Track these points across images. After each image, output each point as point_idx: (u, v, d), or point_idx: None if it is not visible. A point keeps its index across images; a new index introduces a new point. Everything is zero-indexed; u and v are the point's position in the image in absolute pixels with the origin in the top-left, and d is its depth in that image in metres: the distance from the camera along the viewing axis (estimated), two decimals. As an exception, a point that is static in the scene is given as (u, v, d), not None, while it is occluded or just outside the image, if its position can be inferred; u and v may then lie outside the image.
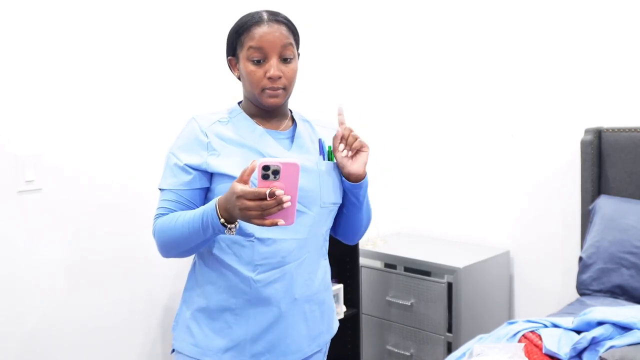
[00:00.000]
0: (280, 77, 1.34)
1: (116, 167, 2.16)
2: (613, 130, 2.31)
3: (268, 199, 1.11)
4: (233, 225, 1.21)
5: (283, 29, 1.36)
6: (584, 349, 1.56)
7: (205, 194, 1.37)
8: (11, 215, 1.91)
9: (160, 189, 1.38)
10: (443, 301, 2.47)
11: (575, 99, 2.48)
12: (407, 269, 2.60)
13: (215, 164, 1.33)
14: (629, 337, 1.57)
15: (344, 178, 1.43)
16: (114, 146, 2.15)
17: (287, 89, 1.38)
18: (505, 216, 2.75)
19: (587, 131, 2.35)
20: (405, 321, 2.62)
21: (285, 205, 1.12)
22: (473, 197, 2.85)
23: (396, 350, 2.65)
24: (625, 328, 1.60)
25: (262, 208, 1.12)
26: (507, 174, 2.72)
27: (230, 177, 1.32)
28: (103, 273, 2.15)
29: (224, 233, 1.23)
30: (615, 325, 1.60)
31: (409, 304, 2.58)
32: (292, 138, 1.44)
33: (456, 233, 2.93)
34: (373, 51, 3.14)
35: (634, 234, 2.09)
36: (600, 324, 1.62)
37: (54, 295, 2.02)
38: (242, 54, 1.36)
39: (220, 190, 1.32)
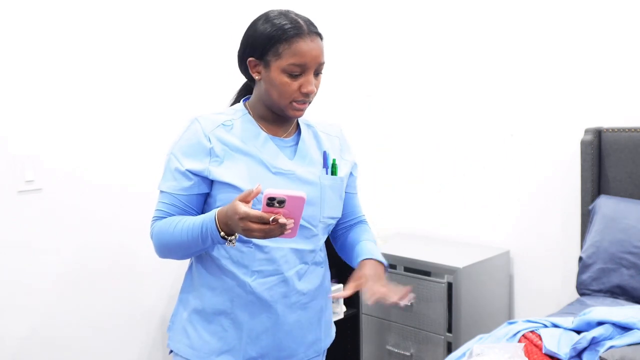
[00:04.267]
0: (313, 93, 1.33)
1: (116, 167, 2.16)
2: (613, 130, 2.31)
3: (271, 224, 1.11)
4: (233, 237, 1.20)
5: (320, 44, 1.33)
6: (584, 349, 1.56)
7: (205, 199, 1.36)
8: (11, 215, 1.91)
9: (159, 190, 1.36)
10: (443, 301, 2.47)
11: (575, 99, 2.48)
12: (407, 269, 2.60)
13: (217, 173, 1.31)
14: (629, 337, 1.57)
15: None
16: (114, 146, 2.15)
17: (311, 102, 1.37)
18: (505, 216, 2.75)
19: (587, 131, 2.35)
20: (405, 321, 2.62)
21: (287, 228, 1.13)
22: (473, 197, 2.85)
23: (396, 350, 2.65)
24: (625, 328, 1.60)
25: (265, 231, 1.12)
26: (507, 174, 2.72)
27: (232, 187, 1.30)
28: (102, 273, 2.15)
29: (223, 244, 1.23)
30: (615, 325, 1.60)
31: (409, 304, 2.58)
32: (295, 146, 1.42)
33: (456, 233, 2.93)
34: (372, 52, 3.14)
35: (634, 234, 2.09)
36: (600, 324, 1.62)
37: (53, 296, 2.03)
38: (278, 64, 1.29)
39: (222, 199, 1.31)
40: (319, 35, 1.34)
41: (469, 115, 2.83)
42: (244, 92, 1.50)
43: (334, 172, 1.43)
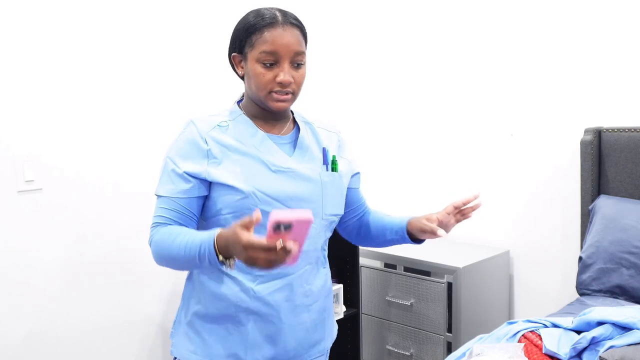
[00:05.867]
0: (290, 83, 1.31)
1: (117, 167, 2.16)
2: (613, 130, 2.31)
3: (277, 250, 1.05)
4: (232, 260, 1.16)
5: (297, 34, 1.31)
6: (584, 349, 1.56)
7: (204, 202, 1.35)
8: (11, 215, 1.91)
9: (157, 195, 1.34)
10: (443, 301, 2.47)
11: (575, 99, 2.48)
12: (407, 269, 2.60)
13: (216, 174, 1.30)
14: (629, 337, 1.57)
15: (407, 236, 1.49)
16: (114, 147, 2.15)
17: (295, 94, 1.34)
18: (505, 216, 2.75)
19: (587, 131, 2.35)
20: (405, 321, 2.62)
21: (292, 253, 1.07)
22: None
23: (396, 350, 2.65)
24: (625, 328, 1.60)
25: (270, 259, 1.07)
26: (507, 174, 2.72)
27: (232, 188, 1.29)
28: (102, 273, 2.15)
29: (221, 267, 1.18)
30: (615, 325, 1.60)
31: (409, 304, 2.58)
32: (294, 143, 1.41)
33: (456, 233, 2.92)
34: (372, 51, 3.14)
35: (634, 234, 2.09)
36: (600, 324, 1.62)
37: (53, 296, 2.02)
38: (252, 54, 1.30)
39: (222, 201, 1.30)
40: (297, 26, 1.32)
41: (469, 116, 2.83)
42: None
43: (334, 169, 1.43)
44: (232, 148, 1.32)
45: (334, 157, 1.44)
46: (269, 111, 1.37)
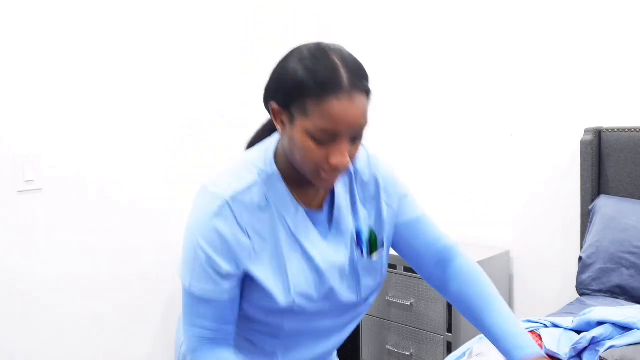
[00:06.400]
0: (345, 165, 1.01)
1: (116, 167, 2.16)
2: (613, 130, 2.31)
3: None
4: None
5: (363, 102, 1.00)
6: (584, 349, 1.56)
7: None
8: (11, 215, 1.91)
9: (189, 292, 1.08)
10: (443, 301, 2.47)
11: (575, 99, 2.48)
12: (407, 269, 2.60)
13: (255, 271, 1.07)
14: (629, 337, 1.57)
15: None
16: (114, 147, 2.15)
17: (345, 172, 1.06)
18: (505, 216, 2.75)
19: (586, 131, 2.35)
20: (405, 321, 2.62)
21: None
22: (473, 197, 2.85)
23: (396, 350, 2.65)
24: (625, 328, 1.60)
25: None
26: (507, 174, 2.72)
27: (267, 293, 1.07)
28: (103, 273, 2.15)
29: None
30: (615, 325, 1.60)
31: (409, 303, 2.58)
32: (328, 215, 1.16)
33: (456, 233, 2.92)
34: (372, 50, 3.14)
35: (634, 234, 2.09)
36: (600, 323, 1.62)
37: (54, 296, 2.02)
38: (303, 124, 0.98)
39: (248, 299, 1.10)
40: (365, 90, 1.01)
41: (469, 115, 2.83)
42: (268, 130, 1.19)
43: (372, 248, 1.21)
44: (272, 241, 1.08)
45: (371, 234, 1.21)
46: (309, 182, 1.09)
